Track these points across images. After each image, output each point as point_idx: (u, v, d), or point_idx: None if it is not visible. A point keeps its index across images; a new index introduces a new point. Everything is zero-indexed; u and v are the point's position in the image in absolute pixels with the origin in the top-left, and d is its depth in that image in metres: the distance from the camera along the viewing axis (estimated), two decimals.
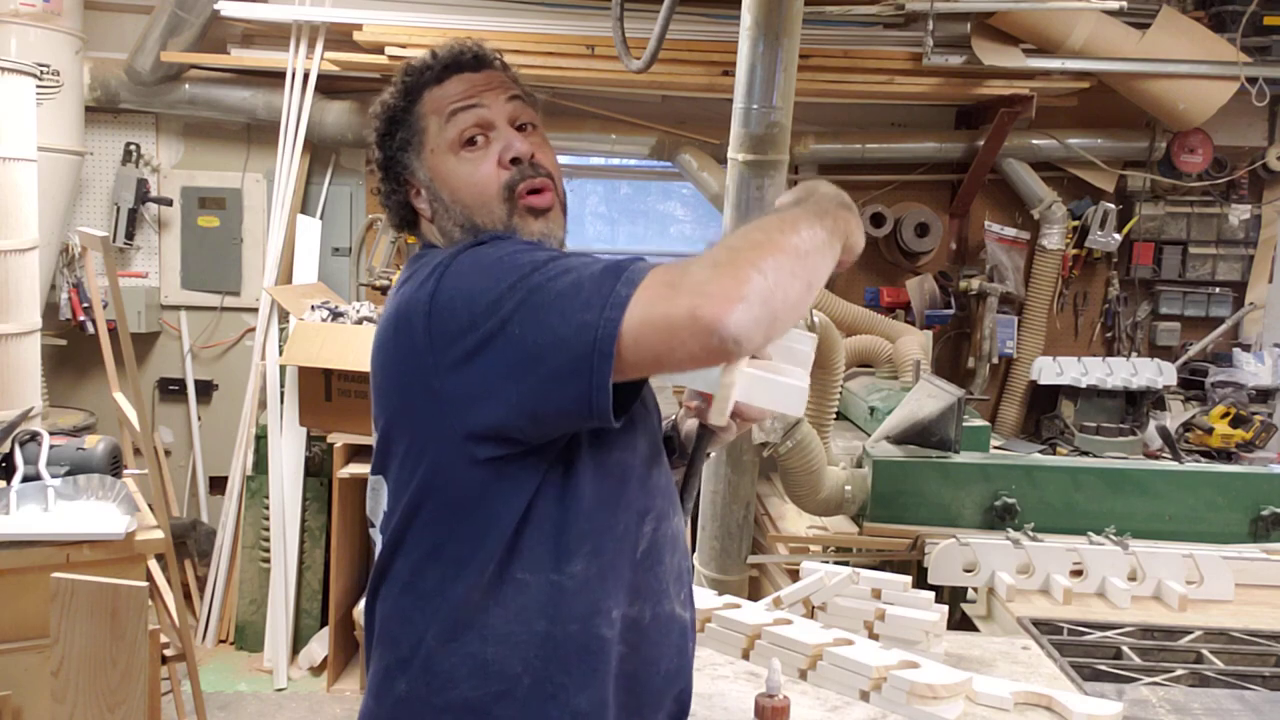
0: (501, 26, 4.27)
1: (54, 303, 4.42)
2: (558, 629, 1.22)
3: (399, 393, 1.25)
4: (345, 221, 4.82)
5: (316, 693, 4.04)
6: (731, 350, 1.04)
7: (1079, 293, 5.09)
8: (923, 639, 1.98)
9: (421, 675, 1.24)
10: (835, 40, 4.41)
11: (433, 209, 1.35)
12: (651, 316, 1.04)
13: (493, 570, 1.21)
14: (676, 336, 1.04)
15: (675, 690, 1.37)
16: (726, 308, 1.01)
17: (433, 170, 1.33)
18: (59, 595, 1.90)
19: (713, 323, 1.02)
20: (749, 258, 1.05)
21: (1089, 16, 4.27)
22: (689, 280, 1.04)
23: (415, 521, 1.26)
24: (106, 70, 4.43)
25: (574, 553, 1.23)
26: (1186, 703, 1.88)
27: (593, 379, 1.06)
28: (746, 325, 1.03)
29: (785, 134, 2.75)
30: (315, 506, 4.27)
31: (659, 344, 1.05)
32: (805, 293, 1.10)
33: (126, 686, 1.94)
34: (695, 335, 1.03)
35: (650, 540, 1.31)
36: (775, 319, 1.06)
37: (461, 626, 1.22)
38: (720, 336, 1.02)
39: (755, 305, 1.03)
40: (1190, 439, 4.48)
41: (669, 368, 1.10)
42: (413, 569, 1.26)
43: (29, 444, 2.60)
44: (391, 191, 1.38)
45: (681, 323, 1.03)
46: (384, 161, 1.38)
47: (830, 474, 3.18)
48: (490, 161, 1.31)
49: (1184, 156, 4.81)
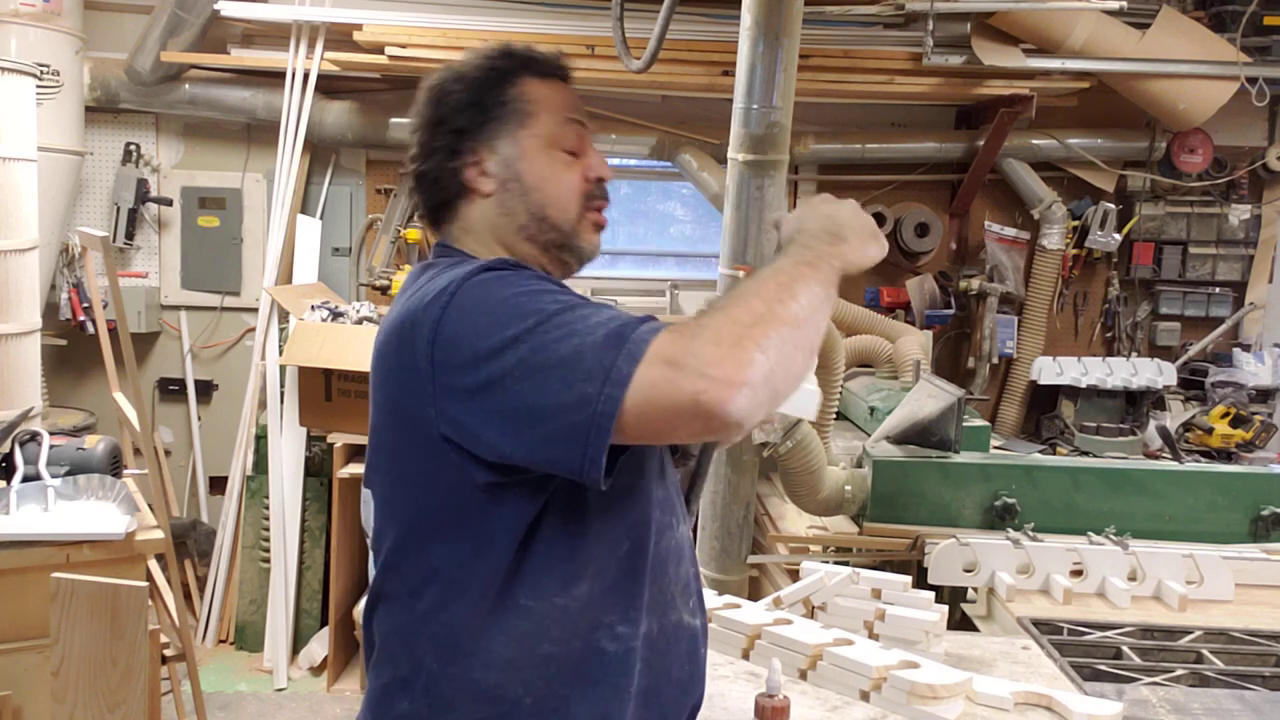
0: (501, 26, 4.27)
1: (54, 303, 4.42)
2: (560, 649, 1.21)
3: (396, 408, 1.23)
4: (345, 221, 4.82)
5: (316, 693, 4.04)
6: (733, 430, 1.05)
7: (1079, 293, 5.09)
8: (923, 639, 1.98)
9: (423, 697, 1.23)
10: (835, 40, 4.41)
11: (503, 186, 1.32)
12: (654, 399, 1.03)
13: (494, 595, 1.20)
14: (680, 418, 1.04)
15: (691, 699, 1.37)
16: (730, 394, 1.01)
17: (525, 151, 1.32)
18: (59, 595, 1.90)
19: (716, 409, 1.02)
20: (752, 336, 1.04)
21: (1089, 16, 4.27)
22: (693, 362, 1.02)
23: (409, 544, 1.24)
24: (106, 70, 4.43)
25: (579, 576, 1.21)
26: (1186, 703, 1.88)
27: (587, 451, 1.05)
28: (749, 409, 1.03)
29: (785, 134, 2.74)
30: (315, 506, 4.27)
31: (661, 424, 1.05)
32: (806, 361, 1.10)
33: (126, 686, 1.94)
34: (698, 418, 1.03)
35: (654, 554, 1.30)
36: (776, 396, 1.07)
37: (463, 652, 1.20)
38: (723, 421, 1.03)
39: (759, 388, 1.03)
40: (1190, 439, 4.48)
41: (668, 441, 1.12)
42: (410, 590, 1.24)
43: (29, 444, 2.60)
44: (444, 159, 1.32)
45: (685, 407, 1.02)
46: (440, 126, 1.33)
47: (830, 474, 3.18)
48: (578, 173, 1.35)
49: (1184, 156, 4.81)
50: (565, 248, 1.34)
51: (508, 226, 1.32)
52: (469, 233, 1.35)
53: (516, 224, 1.32)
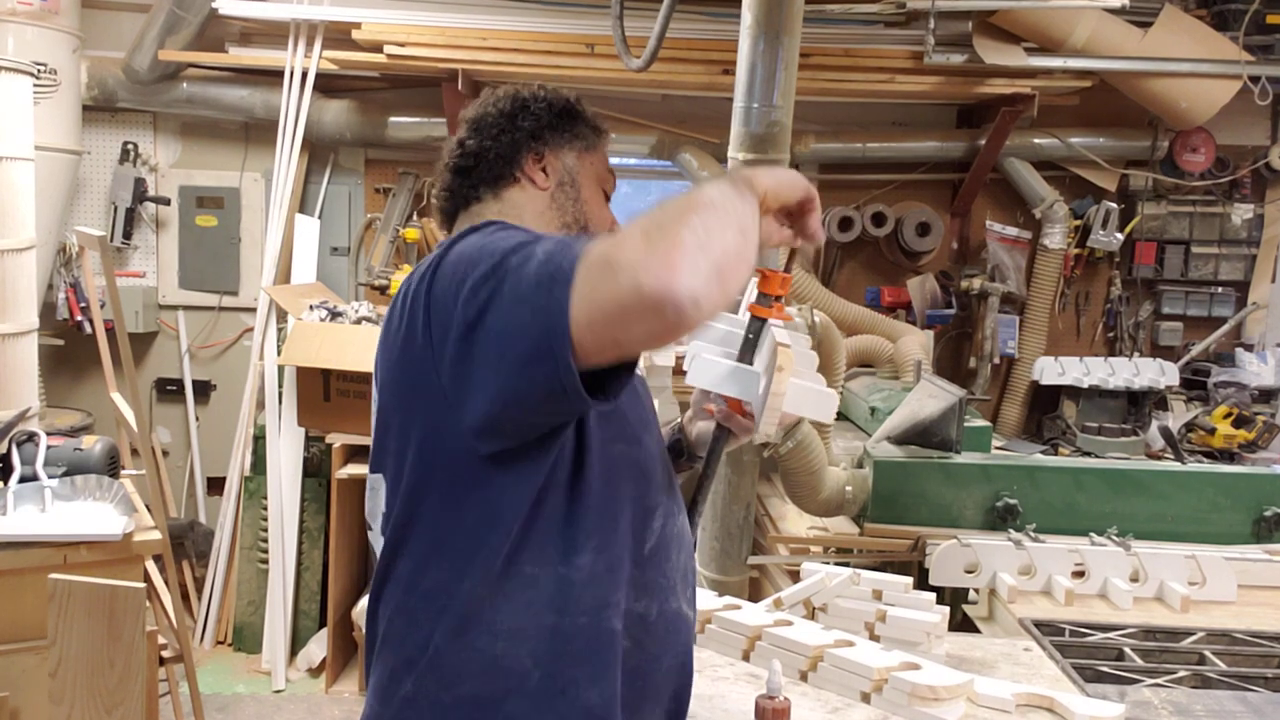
0: (501, 25, 4.26)
1: (51, 302, 4.41)
2: (566, 622, 1.22)
3: (401, 383, 1.26)
4: (344, 221, 4.81)
5: (315, 694, 4.03)
6: (690, 315, 1.00)
7: (1081, 292, 5.08)
8: (924, 640, 1.97)
9: (430, 673, 1.23)
10: (836, 39, 4.40)
11: (560, 184, 1.45)
12: (598, 301, 1.02)
13: (499, 565, 1.21)
14: (629, 316, 1.01)
15: (674, 687, 1.37)
16: (670, 273, 0.98)
17: (583, 172, 1.48)
18: (56, 596, 1.89)
19: (662, 291, 0.98)
20: (676, 223, 1.02)
21: (1091, 15, 4.26)
22: (623, 254, 1.01)
23: (417, 518, 1.25)
24: (104, 69, 4.42)
25: (581, 546, 1.23)
26: (1189, 704, 1.87)
27: (557, 362, 1.05)
28: (696, 284, 0.99)
29: (786, 133, 2.74)
30: (314, 507, 4.26)
31: (614, 327, 1.03)
32: (741, 240, 1.07)
33: (124, 688, 1.93)
34: (647, 310, 0.99)
35: (659, 536, 1.33)
36: (720, 270, 1.02)
37: (469, 623, 1.21)
38: (674, 304, 0.98)
39: (698, 259, 0.99)
40: (1193, 439, 4.47)
41: (630, 349, 1.07)
42: (416, 567, 1.25)
43: (26, 444, 2.59)
44: (511, 147, 1.44)
45: (630, 302, 0.99)
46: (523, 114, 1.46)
47: (831, 474, 3.17)
48: (608, 217, 1.51)
49: (1186, 156, 4.80)
50: None
51: (553, 219, 1.43)
52: (507, 216, 1.40)
53: (562, 220, 1.44)
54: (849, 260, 5.04)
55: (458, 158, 1.46)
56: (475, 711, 1.21)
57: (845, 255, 5.01)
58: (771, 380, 1.24)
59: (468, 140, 1.46)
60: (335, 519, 4.00)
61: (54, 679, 1.90)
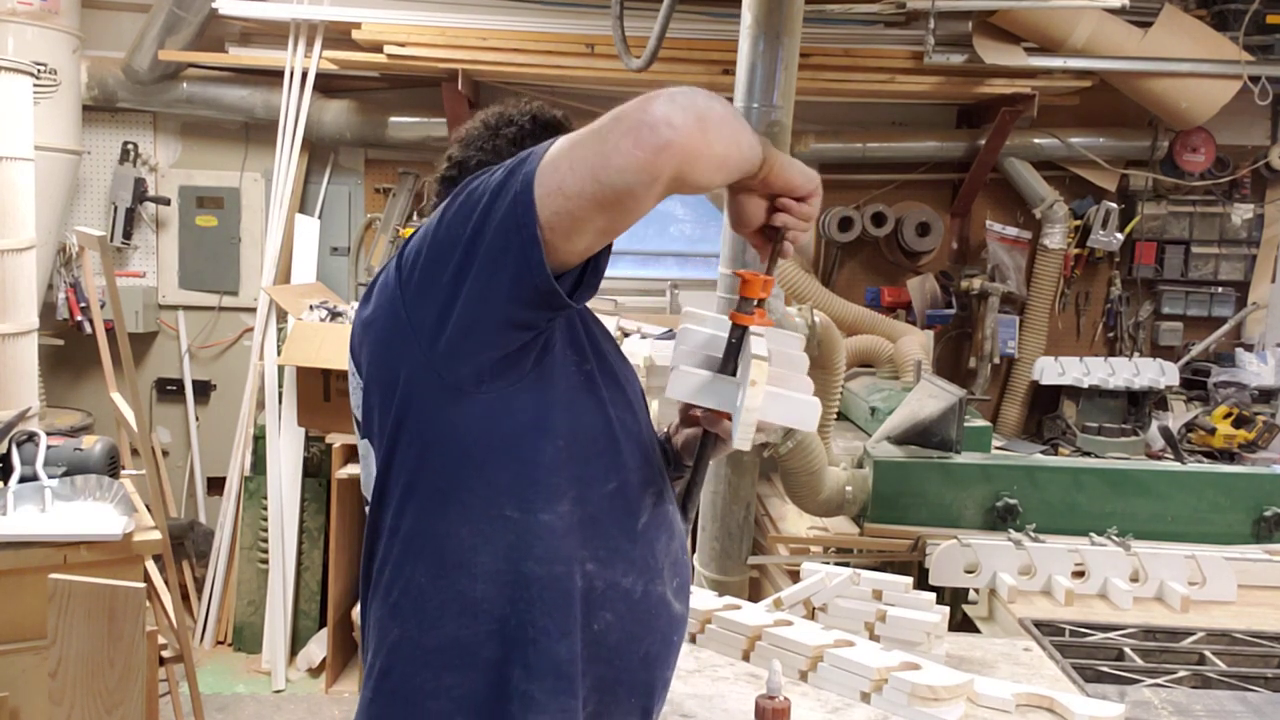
0: (501, 25, 4.26)
1: (51, 302, 4.41)
2: (543, 569, 1.24)
3: (377, 341, 1.29)
4: (344, 221, 4.81)
5: (315, 694, 4.03)
6: (668, 136, 1.05)
7: (1081, 292, 5.08)
8: (924, 640, 1.97)
9: (413, 616, 1.26)
10: (836, 39, 4.40)
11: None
12: (575, 153, 1.07)
13: (479, 506, 1.24)
14: (607, 144, 1.06)
15: (652, 681, 1.37)
16: (646, 108, 1.05)
17: None
18: (56, 596, 1.89)
19: (640, 118, 1.05)
20: (646, 97, 1.08)
21: (1091, 15, 4.26)
22: (611, 125, 1.07)
23: (395, 464, 1.28)
24: (104, 69, 4.42)
25: (563, 494, 1.26)
26: (1189, 704, 1.87)
27: (522, 234, 1.09)
28: (673, 112, 1.05)
29: (786, 133, 2.74)
30: (314, 507, 4.26)
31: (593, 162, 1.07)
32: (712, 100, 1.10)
33: (124, 688, 1.93)
34: (648, 164, 1.05)
35: (650, 516, 1.34)
36: (700, 113, 1.07)
37: (450, 564, 1.25)
38: (650, 125, 1.05)
39: (674, 101, 1.06)
40: (1193, 439, 4.47)
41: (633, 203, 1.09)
42: (395, 512, 1.28)
43: (26, 444, 2.59)
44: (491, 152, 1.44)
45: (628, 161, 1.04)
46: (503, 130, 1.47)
47: (831, 475, 3.17)
48: None
49: (1186, 156, 4.80)
50: None
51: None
52: None
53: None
54: (849, 260, 5.03)
55: (444, 168, 1.49)
56: (455, 655, 1.24)
57: (845, 255, 5.01)
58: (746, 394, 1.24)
59: (454, 153, 1.49)
60: (335, 519, 4.00)
61: (54, 679, 1.90)
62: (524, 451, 1.24)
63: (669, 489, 1.42)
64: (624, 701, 1.33)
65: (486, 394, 1.22)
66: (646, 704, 1.37)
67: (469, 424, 1.23)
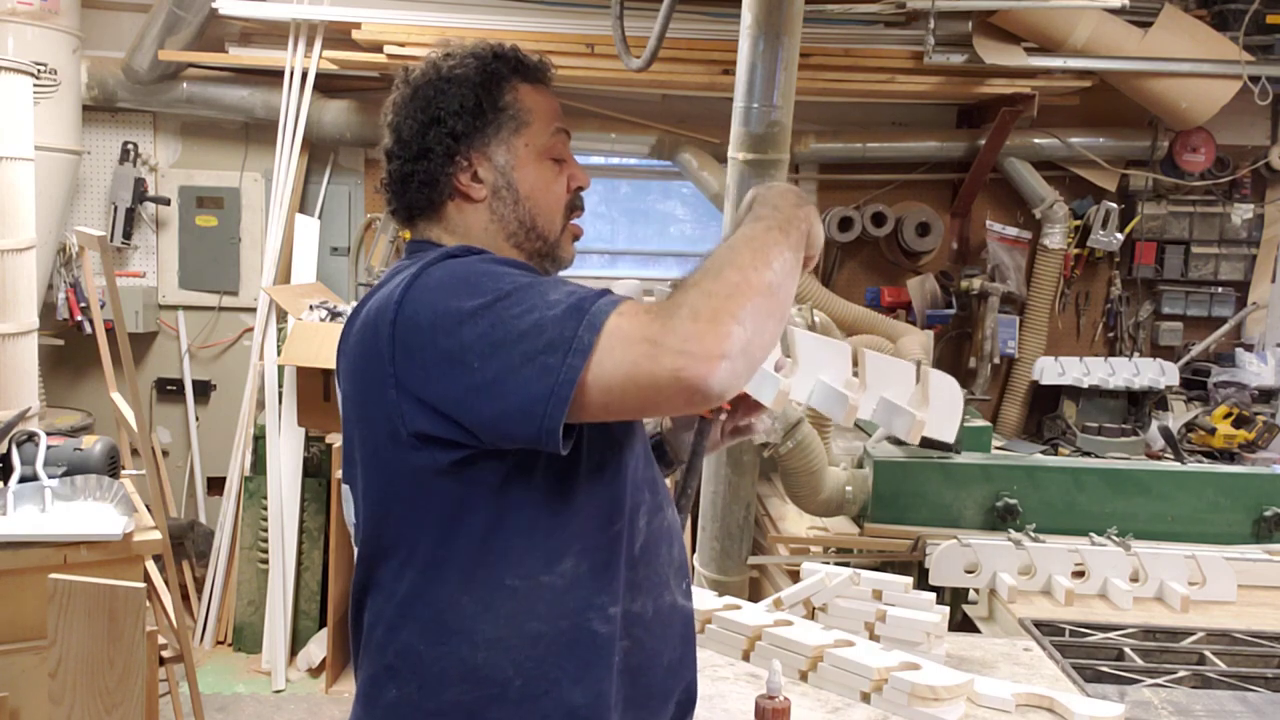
0: (501, 25, 4.26)
1: (51, 302, 4.41)
2: (549, 627, 1.21)
3: (362, 400, 1.24)
4: (344, 221, 4.81)
5: (315, 694, 4.03)
6: (715, 402, 1.08)
7: (1081, 292, 5.08)
8: (924, 640, 1.97)
9: (412, 679, 1.23)
10: (836, 39, 4.40)
11: (495, 193, 1.31)
12: (636, 376, 1.05)
13: (479, 575, 1.20)
14: (662, 394, 1.06)
15: (681, 683, 1.37)
16: (711, 367, 1.04)
17: (520, 160, 1.32)
18: (56, 596, 1.88)
19: (698, 383, 1.04)
20: (728, 309, 1.05)
21: (1091, 15, 4.26)
22: (671, 338, 1.04)
23: (385, 528, 1.25)
24: (104, 69, 4.42)
25: (563, 553, 1.22)
26: (1189, 704, 1.87)
27: (544, 422, 1.07)
28: (729, 379, 1.06)
29: (786, 133, 2.73)
30: (314, 507, 4.26)
31: (644, 400, 1.08)
32: (779, 328, 1.13)
33: (124, 688, 1.92)
34: (680, 393, 1.05)
35: (646, 535, 1.31)
36: (754, 364, 1.10)
37: (449, 631, 1.21)
38: (705, 394, 1.05)
39: (738, 359, 1.05)
40: (1193, 439, 4.47)
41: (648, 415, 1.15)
42: (392, 576, 1.25)
43: (26, 444, 2.58)
44: (439, 163, 1.30)
45: (666, 383, 1.05)
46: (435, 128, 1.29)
47: (831, 475, 3.17)
48: (564, 181, 1.36)
49: (1186, 156, 4.80)
50: (547, 256, 1.36)
51: (496, 233, 1.32)
52: (451, 233, 1.33)
53: (506, 231, 1.33)
54: (849, 260, 5.03)
55: (386, 181, 1.35)
56: (458, 718, 1.21)
57: (845, 255, 5.01)
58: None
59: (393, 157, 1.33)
60: (335, 519, 4.00)
61: (54, 679, 1.89)
62: (521, 521, 1.20)
63: (666, 495, 1.39)
64: (658, 712, 1.33)
65: (476, 474, 1.18)
66: (684, 700, 1.37)
67: (453, 496, 1.19)
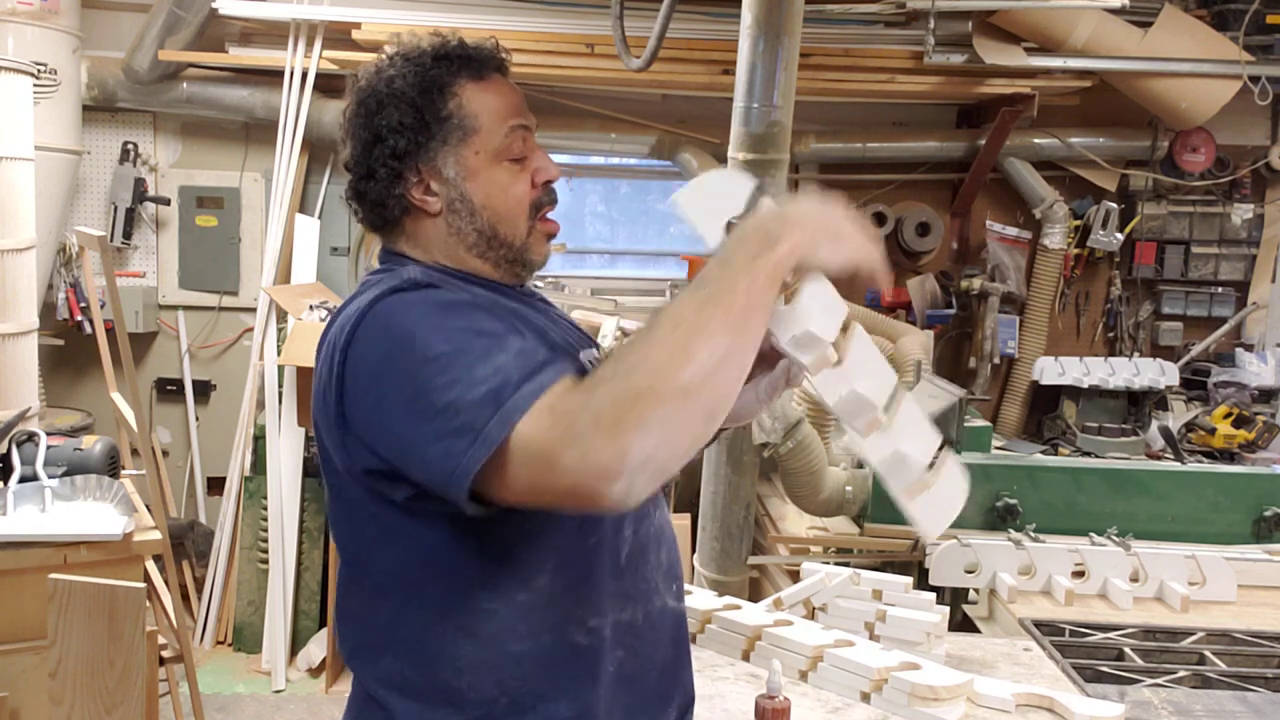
0: (501, 25, 4.26)
1: (51, 302, 4.41)
2: (530, 644, 1.20)
3: (319, 425, 1.23)
4: (343, 221, 4.80)
5: (315, 694, 4.03)
6: (616, 508, 1.00)
7: (1081, 292, 5.08)
8: (924, 640, 1.97)
9: (398, 703, 1.23)
10: (836, 39, 4.40)
11: (449, 207, 1.26)
12: (534, 485, 1.01)
13: (454, 599, 1.19)
14: (561, 504, 1.04)
15: (678, 684, 1.37)
16: (604, 486, 0.96)
17: (471, 170, 1.26)
18: (56, 596, 1.89)
19: (593, 499, 0.98)
20: (631, 418, 0.95)
21: (1091, 15, 4.26)
22: (569, 453, 0.97)
23: (355, 558, 1.25)
24: (104, 69, 4.42)
25: (539, 568, 1.20)
26: (1189, 704, 1.87)
27: (453, 495, 1.05)
28: (625, 496, 0.98)
29: (786, 133, 2.74)
30: (314, 507, 4.26)
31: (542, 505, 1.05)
32: (704, 427, 1.00)
33: (124, 688, 1.92)
34: (576, 506, 1.03)
35: (632, 543, 1.29)
36: (662, 474, 0.99)
37: (431, 655, 1.20)
38: (601, 508, 1.00)
39: (636, 475, 0.96)
40: (1193, 439, 4.47)
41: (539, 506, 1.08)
42: (367, 603, 1.25)
43: (26, 444, 2.58)
44: (387, 183, 1.26)
45: (563, 494, 1.00)
46: (378, 146, 1.25)
47: (831, 474, 3.17)
48: (526, 180, 1.29)
49: (1186, 156, 4.80)
50: (516, 261, 1.31)
51: (457, 244, 1.28)
52: (415, 246, 1.30)
53: (466, 244, 1.28)
54: None
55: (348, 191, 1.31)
56: None
57: None
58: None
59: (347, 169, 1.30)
60: None
61: (54, 679, 1.89)
62: (489, 546, 1.17)
63: (655, 498, 1.34)
64: (659, 715, 1.33)
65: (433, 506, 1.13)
66: (683, 701, 1.37)
67: (421, 526, 1.17)
